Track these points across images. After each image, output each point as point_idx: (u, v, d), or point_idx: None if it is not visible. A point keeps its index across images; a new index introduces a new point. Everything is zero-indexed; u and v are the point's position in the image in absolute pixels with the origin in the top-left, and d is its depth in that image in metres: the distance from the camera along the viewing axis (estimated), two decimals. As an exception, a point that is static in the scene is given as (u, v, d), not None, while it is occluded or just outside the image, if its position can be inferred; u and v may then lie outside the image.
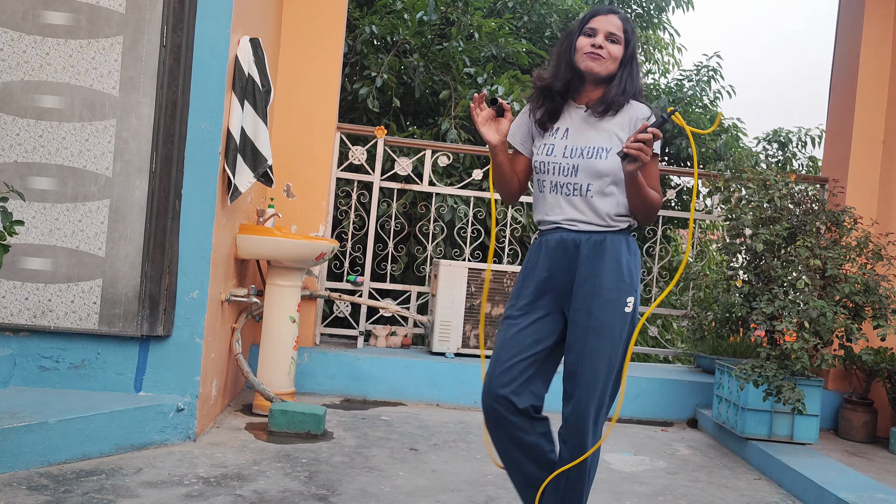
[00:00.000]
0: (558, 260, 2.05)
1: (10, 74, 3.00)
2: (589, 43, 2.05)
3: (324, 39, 4.36)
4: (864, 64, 4.54)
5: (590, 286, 2.01)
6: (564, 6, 8.13)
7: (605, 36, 2.05)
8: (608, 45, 2.04)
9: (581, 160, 2.04)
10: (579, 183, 2.04)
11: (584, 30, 2.08)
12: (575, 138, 2.07)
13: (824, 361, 3.40)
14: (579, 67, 2.06)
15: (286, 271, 3.65)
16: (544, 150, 2.09)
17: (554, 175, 2.06)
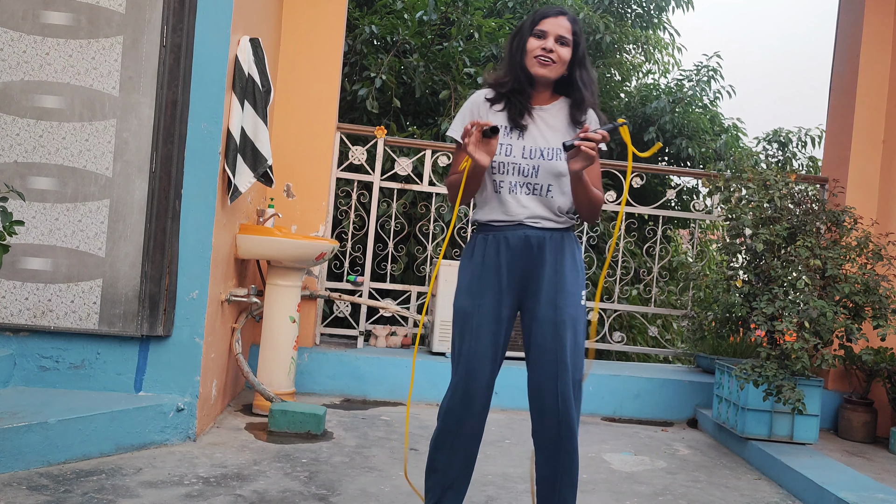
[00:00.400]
0: (520, 257, 2.10)
1: (10, 74, 3.00)
2: (539, 46, 2.08)
3: (324, 39, 4.36)
4: (864, 64, 4.54)
5: (555, 282, 2.08)
6: (564, 6, 8.12)
7: (555, 39, 2.08)
8: (558, 48, 2.08)
9: (542, 161, 2.09)
10: (540, 183, 2.10)
11: (535, 31, 2.10)
12: (533, 139, 2.12)
13: (824, 361, 3.40)
14: (530, 71, 2.11)
15: (286, 271, 3.65)
16: (502, 150, 2.10)
17: (513, 175, 2.10)
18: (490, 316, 2.10)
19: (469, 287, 2.13)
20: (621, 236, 4.88)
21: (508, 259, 2.11)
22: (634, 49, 9.02)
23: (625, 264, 5.41)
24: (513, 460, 3.25)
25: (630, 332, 6.55)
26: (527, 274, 2.11)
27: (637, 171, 4.87)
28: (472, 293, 2.12)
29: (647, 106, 7.68)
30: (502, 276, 2.11)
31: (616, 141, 6.72)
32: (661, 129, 7.53)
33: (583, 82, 2.12)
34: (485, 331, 2.09)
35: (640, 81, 9.42)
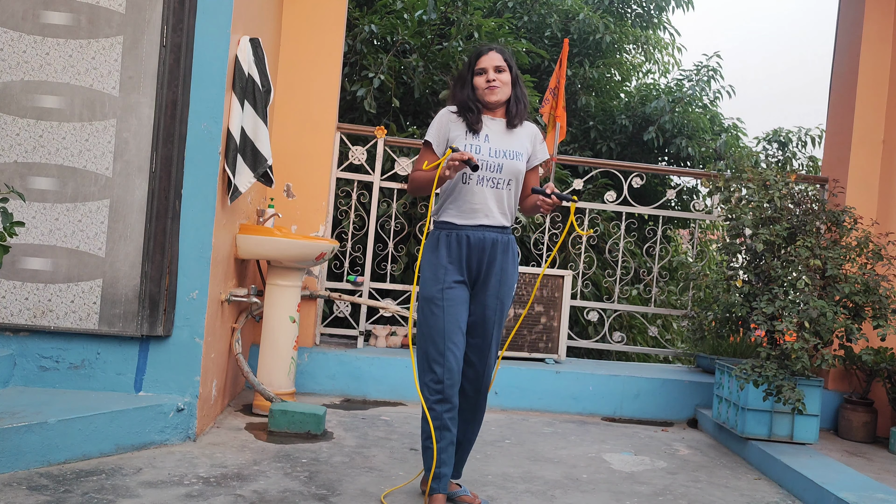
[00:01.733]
0: (478, 253, 2.53)
1: (10, 74, 3.00)
2: (484, 80, 2.56)
3: (324, 39, 4.36)
4: (864, 63, 4.54)
5: (500, 277, 2.55)
6: (564, 6, 8.14)
7: (493, 69, 2.56)
8: (498, 76, 2.56)
9: (505, 160, 2.55)
10: (503, 178, 2.55)
11: (475, 70, 2.58)
12: (496, 142, 2.56)
13: (824, 361, 3.40)
14: (484, 101, 2.57)
15: (286, 271, 3.65)
16: (472, 149, 2.52)
17: (482, 170, 2.52)
18: (455, 298, 2.52)
19: (435, 277, 2.53)
20: (621, 236, 4.88)
21: (468, 254, 2.53)
22: (634, 49, 9.03)
23: (625, 264, 5.41)
24: (513, 460, 3.25)
25: (630, 332, 6.55)
26: (480, 267, 2.54)
27: (637, 172, 4.87)
28: (437, 281, 2.52)
29: (647, 106, 7.68)
30: (462, 266, 2.53)
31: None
32: (661, 128, 7.53)
33: (519, 97, 2.61)
34: (452, 311, 2.50)
35: (640, 81, 9.42)
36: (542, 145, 2.67)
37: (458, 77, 2.66)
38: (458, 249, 2.52)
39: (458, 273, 2.52)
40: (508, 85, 2.58)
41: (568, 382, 4.27)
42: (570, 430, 3.90)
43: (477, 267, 2.54)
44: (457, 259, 2.52)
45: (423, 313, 2.53)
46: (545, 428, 3.90)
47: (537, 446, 3.50)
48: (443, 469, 2.49)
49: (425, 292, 2.54)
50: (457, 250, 2.52)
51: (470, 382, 2.59)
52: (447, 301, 2.50)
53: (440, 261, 2.53)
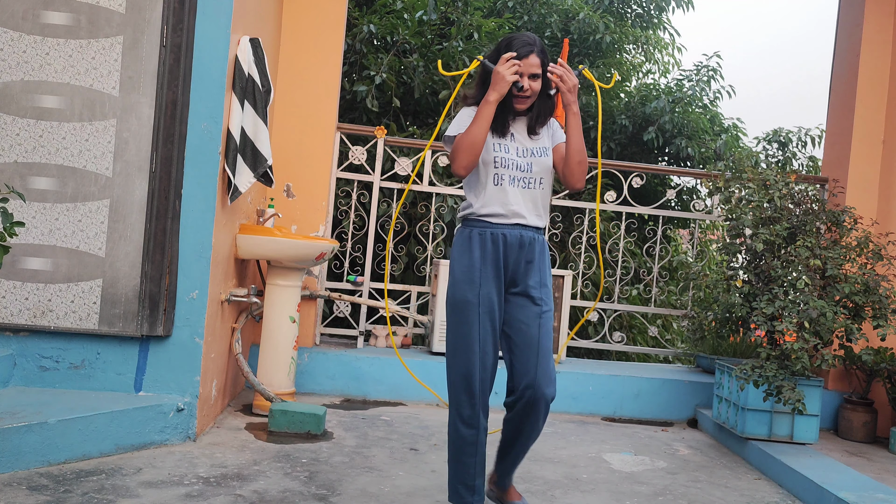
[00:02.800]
0: (515, 252, 2.36)
1: (10, 74, 3.00)
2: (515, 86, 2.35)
3: (324, 39, 4.36)
4: (864, 63, 4.54)
5: (538, 277, 2.39)
6: (564, 6, 8.13)
7: (528, 77, 2.35)
8: (531, 83, 2.35)
9: (534, 158, 2.40)
10: (534, 178, 2.39)
11: None
12: (522, 141, 2.43)
13: (824, 361, 3.40)
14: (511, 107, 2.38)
15: (286, 271, 3.65)
16: (501, 148, 2.38)
17: (513, 170, 2.38)
18: (489, 304, 2.34)
19: (470, 278, 2.34)
20: (621, 237, 4.88)
21: (505, 253, 2.35)
22: (634, 49, 9.03)
23: (625, 264, 5.41)
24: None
25: (630, 332, 6.55)
26: (516, 268, 2.37)
27: (637, 172, 4.87)
28: (473, 283, 2.34)
29: (647, 106, 7.68)
30: (499, 267, 2.36)
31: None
32: (661, 128, 7.53)
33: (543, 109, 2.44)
34: (488, 317, 2.34)
35: (640, 81, 9.42)
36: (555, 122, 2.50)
37: (482, 73, 2.43)
38: (495, 249, 2.34)
39: (494, 276, 2.34)
40: (536, 94, 2.39)
41: (568, 382, 4.27)
42: (570, 430, 3.90)
43: (514, 268, 2.36)
44: (493, 260, 2.34)
45: (454, 320, 2.34)
46: (545, 428, 3.89)
47: (537, 446, 3.50)
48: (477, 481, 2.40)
49: (458, 295, 2.34)
50: (493, 250, 2.34)
51: (530, 391, 2.32)
52: (483, 307, 2.32)
53: (474, 262, 2.34)
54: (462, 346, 2.33)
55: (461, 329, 2.33)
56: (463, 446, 2.39)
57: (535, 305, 2.37)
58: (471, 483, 2.40)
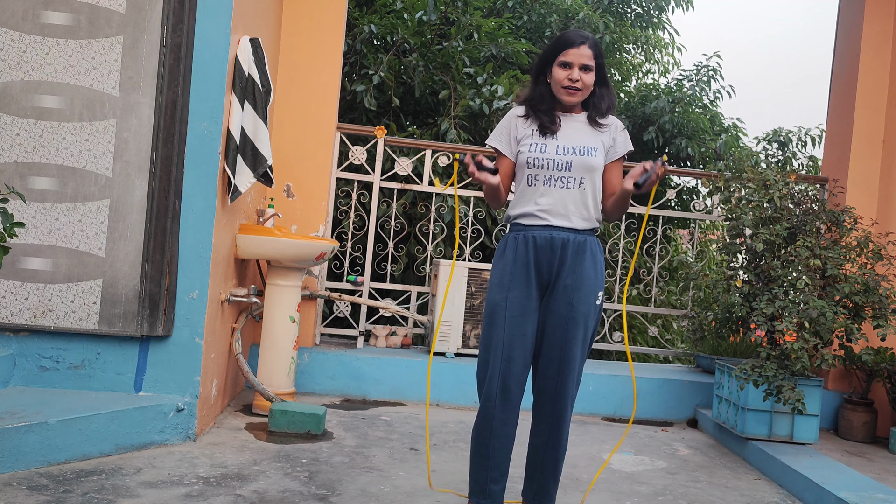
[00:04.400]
0: (544, 254, 2.30)
1: (10, 74, 3.00)
2: (566, 76, 2.31)
3: (324, 39, 4.36)
4: (864, 64, 4.54)
5: (572, 281, 2.30)
6: (564, 6, 8.13)
7: (579, 68, 2.30)
8: (583, 76, 2.30)
9: (574, 157, 2.31)
10: (573, 177, 2.31)
11: (559, 61, 2.32)
12: (566, 139, 2.34)
13: (824, 361, 3.40)
14: (560, 98, 2.34)
15: (286, 271, 3.65)
16: (537, 148, 2.33)
17: (548, 170, 2.32)
18: (519, 307, 2.30)
19: (501, 282, 2.33)
20: (621, 237, 4.88)
21: (535, 256, 2.31)
22: (634, 49, 9.03)
23: (625, 264, 5.41)
24: (513, 460, 3.24)
25: (630, 332, 6.55)
26: (549, 271, 2.32)
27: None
28: (503, 287, 2.32)
29: (647, 106, 7.68)
30: (530, 271, 2.31)
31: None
32: (661, 128, 7.53)
33: (603, 95, 2.37)
34: (516, 321, 2.30)
35: (639, 81, 9.42)
36: (622, 134, 2.40)
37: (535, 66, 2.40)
38: (526, 252, 2.31)
39: (525, 279, 2.31)
40: (589, 88, 2.33)
41: (568, 382, 4.26)
42: (571, 430, 3.89)
43: (548, 271, 2.31)
44: (524, 263, 2.31)
45: (486, 322, 2.35)
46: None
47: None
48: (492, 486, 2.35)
49: (490, 297, 2.35)
50: (524, 253, 2.32)
51: (547, 400, 2.35)
52: (510, 310, 2.30)
53: (506, 265, 2.33)
54: (487, 348, 2.33)
55: (488, 331, 2.34)
56: (476, 447, 2.37)
57: (563, 310, 2.30)
58: (483, 486, 2.36)
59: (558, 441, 2.37)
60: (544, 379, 2.35)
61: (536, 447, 2.41)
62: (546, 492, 2.42)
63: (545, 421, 2.37)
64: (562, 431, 2.37)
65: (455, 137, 5.71)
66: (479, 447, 2.35)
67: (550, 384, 2.33)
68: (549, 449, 2.38)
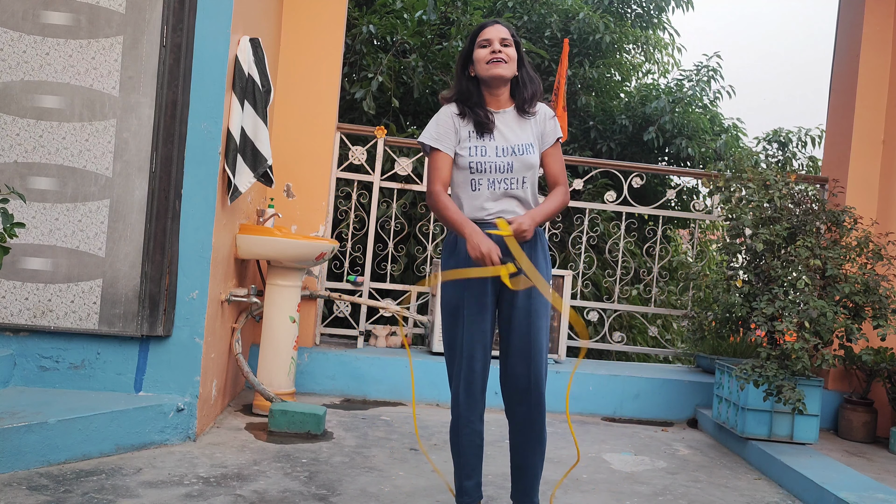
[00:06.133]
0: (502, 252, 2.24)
1: (10, 74, 3.00)
2: (488, 51, 2.31)
3: (324, 39, 4.36)
4: (864, 64, 4.54)
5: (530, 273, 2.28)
6: (564, 6, 8.13)
7: (499, 42, 2.31)
8: (504, 48, 2.31)
9: (514, 157, 2.31)
10: (515, 177, 2.31)
11: (479, 42, 2.34)
12: (503, 139, 2.33)
13: (824, 361, 3.40)
14: (486, 76, 2.32)
15: (286, 271, 3.65)
16: (477, 151, 2.31)
17: (491, 173, 2.30)
18: (476, 304, 2.30)
19: (455, 281, 2.31)
20: (621, 237, 4.88)
21: None
22: (634, 49, 9.02)
23: (625, 264, 5.41)
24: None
25: (630, 332, 6.55)
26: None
27: (637, 172, 4.88)
28: (458, 285, 2.31)
29: (647, 106, 7.68)
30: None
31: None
32: (661, 128, 7.53)
33: (527, 80, 2.37)
34: (474, 319, 2.30)
35: (639, 81, 9.42)
36: (552, 121, 2.39)
37: (457, 64, 2.39)
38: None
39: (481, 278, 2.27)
40: (514, 61, 2.32)
41: (567, 382, 4.27)
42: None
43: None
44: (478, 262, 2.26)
45: (445, 322, 2.35)
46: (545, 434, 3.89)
47: (537, 446, 3.50)
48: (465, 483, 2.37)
49: (445, 298, 2.34)
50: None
51: (522, 396, 2.32)
52: (469, 310, 2.29)
53: (460, 263, 2.30)
54: (451, 348, 2.35)
55: (450, 331, 2.34)
56: (451, 446, 2.41)
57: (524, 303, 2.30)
58: (459, 484, 2.39)
59: (540, 435, 2.36)
60: (516, 376, 2.32)
61: (517, 446, 2.39)
62: (532, 487, 2.42)
63: (523, 418, 2.35)
64: (542, 425, 2.35)
65: (455, 137, 5.70)
66: (452, 446, 2.39)
67: (523, 380, 2.31)
68: (532, 444, 2.36)
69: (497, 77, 2.31)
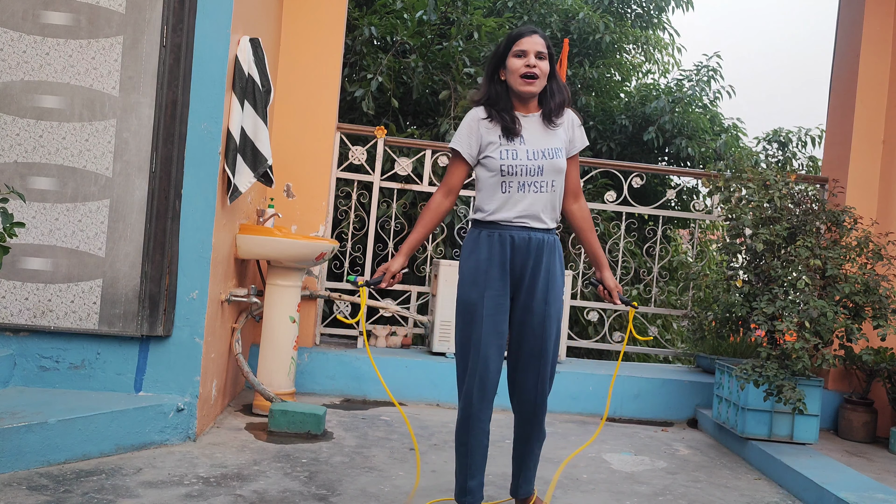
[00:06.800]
0: (523, 255, 2.35)
1: (10, 74, 3.00)
2: (523, 63, 2.33)
3: (324, 39, 4.36)
4: (864, 64, 4.54)
5: (546, 280, 2.37)
6: (564, 6, 8.13)
7: (535, 55, 2.33)
8: (539, 63, 2.33)
9: (545, 161, 2.35)
10: (545, 180, 2.36)
11: (514, 51, 2.34)
12: (533, 142, 2.37)
13: (825, 361, 3.40)
14: (518, 91, 2.35)
15: (286, 271, 3.65)
16: (508, 154, 2.34)
17: (521, 176, 2.35)
18: (494, 305, 2.34)
19: (475, 280, 2.35)
20: (621, 237, 4.88)
21: (512, 255, 2.35)
22: (634, 49, 9.02)
23: (625, 264, 5.41)
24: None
25: (630, 335, 6.53)
26: (523, 270, 2.37)
27: (637, 172, 4.87)
28: (477, 284, 2.34)
29: (647, 106, 7.68)
30: (505, 269, 2.35)
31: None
32: (661, 128, 7.53)
33: (556, 90, 2.40)
34: (492, 319, 2.33)
35: (639, 81, 9.42)
36: (579, 130, 2.45)
37: (488, 66, 2.40)
38: (502, 251, 2.34)
39: (500, 277, 2.34)
40: (545, 76, 2.34)
41: (568, 382, 4.27)
42: (571, 430, 3.90)
43: (521, 270, 2.36)
44: (500, 261, 2.34)
45: (460, 320, 2.37)
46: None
47: (537, 446, 3.50)
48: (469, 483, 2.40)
49: (463, 296, 2.36)
50: (500, 252, 2.34)
51: (526, 395, 2.41)
52: (487, 309, 2.32)
53: (480, 263, 2.34)
54: (465, 347, 2.36)
55: (465, 330, 2.35)
56: (458, 445, 2.41)
57: (540, 307, 2.37)
58: (462, 483, 2.41)
59: (541, 432, 2.49)
60: (525, 376, 2.41)
61: (521, 440, 2.50)
62: (529, 478, 2.54)
63: (528, 416, 2.45)
64: (542, 421, 2.48)
65: (455, 137, 5.70)
66: (459, 445, 2.41)
67: (531, 381, 2.40)
68: (534, 440, 2.49)
69: (528, 94, 2.36)
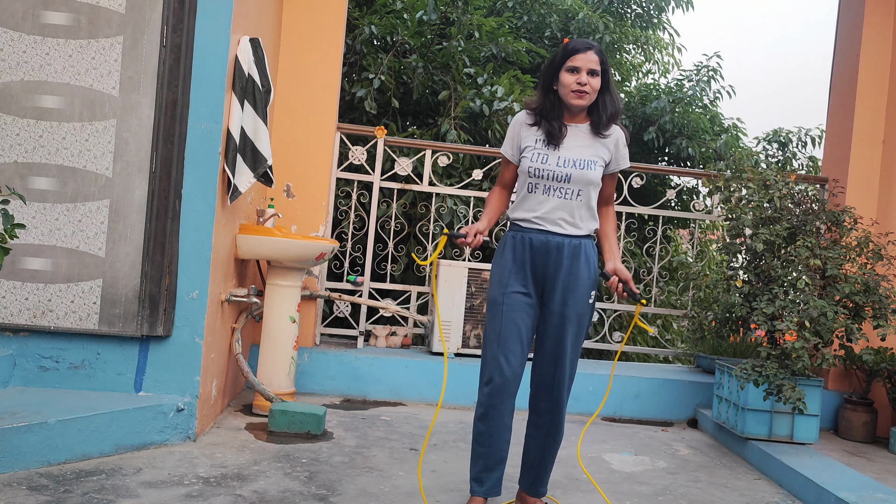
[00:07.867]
0: (541, 256, 2.43)
1: (10, 74, 3.00)
2: (574, 80, 2.40)
3: (324, 39, 4.36)
4: (864, 64, 4.54)
5: (567, 281, 2.43)
6: (564, 6, 8.13)
7: (587, 72, 2.40)
8: (590, 80, 2.40)
9: (574, 170, 2.42)
10: (571, 188, 2.43)
11: (567, 66, 2.41)
12: (569, 151, 2.44)
13: (825, 361, 3.40)
14: (568, 102, 2.43)
15: (286, 271, 3.65)
16: (539, 158, 2.44)
17: (548, 180, 2.43)
18: (514, 302, 2.43)
19: (500, 279, 2.47)
20: (621, 237, 4.88)
21: (532, 256, 2.44)
22: (634, 49, 9.03)
23: (625, 264, 5.41)
24: (513, 460, 3.24)
25: (630, 332, 6.54)
26: (544, 270, 2.45)
27: (637, 172, 4.87)
28: (501, 283, 2.46)
29: (647, 106, 7.68)
30: (526, 269, 2.45)
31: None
32: (661, 129, 7.53)
33: (608, 103, 2.46)
34: (511, 315, 2.42)
35: (639, 81, 9.42)
36: (624, 149, 2.52)
37: (543, 76, 2.49)
38: (523, 252, 2.45)
39: (522, 277, 2.44)
40: (596, 92, 2.43)
41: (568, 382, 4.27)
42: (570, 430, 3.89)
43: (542, 272, 2.44)
44: (521, 262, 2.44)
45: (487, 316, 2.49)
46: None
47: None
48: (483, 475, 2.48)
49: (489, 294, 2.48)
50: (521, 252, 2.45)
51: (545, 393, 2.49)
52: (507, 306, 2.42)
53: (505, 263, 2.46)
54: (487, 342, 2.45)
55: (489, 326, 2.46)
56: (477, 436, 2.48)
57: (558, 308, 2.44)
58: (479, 475, 2.49)
59: (557, 431, 2.53)
60: (542, 374, 2.50)
61: (535, 438, 2.56)
62: (542, 479, 2.61)
63: (544, 414, 2.52)
64: (560, 423, 2.53)
65: (455, 138, 5.71)
66: (479, 436, 2.47)
67: (548, 378, 2.48)
68: (549, 439, 2.54)
69: (577, 108, 2.44)
